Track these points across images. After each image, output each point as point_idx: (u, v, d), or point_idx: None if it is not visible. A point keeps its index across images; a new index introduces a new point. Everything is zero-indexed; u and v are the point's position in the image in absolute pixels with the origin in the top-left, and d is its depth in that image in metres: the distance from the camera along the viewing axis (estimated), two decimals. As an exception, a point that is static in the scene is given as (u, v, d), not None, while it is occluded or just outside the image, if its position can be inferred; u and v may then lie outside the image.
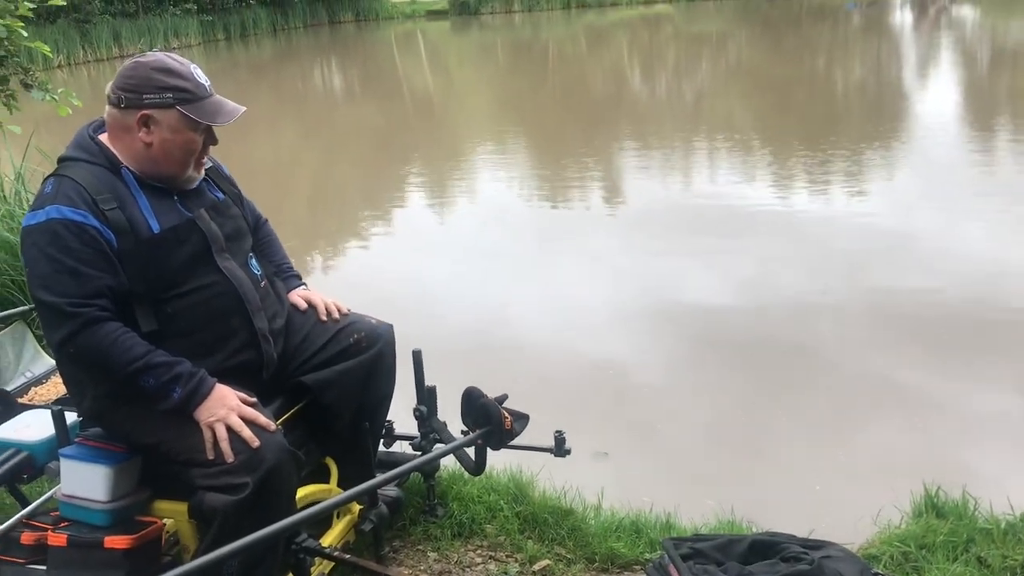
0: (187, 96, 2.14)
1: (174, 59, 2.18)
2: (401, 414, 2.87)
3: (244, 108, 2.24)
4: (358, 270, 7.01)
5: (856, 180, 8.52)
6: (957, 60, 18.10)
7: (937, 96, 13.89)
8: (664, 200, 8.45)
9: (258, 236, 2.59)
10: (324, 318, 2.48)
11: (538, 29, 32.63)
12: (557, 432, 2.75)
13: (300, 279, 2.64)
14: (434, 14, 40.42)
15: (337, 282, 6.65)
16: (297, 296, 2.53)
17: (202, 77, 2.19)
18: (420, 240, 7.80)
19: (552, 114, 14.47)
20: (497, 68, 23.17)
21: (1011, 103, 12.90)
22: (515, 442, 2.44)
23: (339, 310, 2.52)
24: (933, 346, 4.87)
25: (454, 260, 7.00)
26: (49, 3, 5.29)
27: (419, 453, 2.81)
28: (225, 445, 2.01)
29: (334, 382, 2.38)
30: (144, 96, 2.12)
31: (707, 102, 15.21)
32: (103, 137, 2.22)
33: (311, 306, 2.51)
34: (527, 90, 17.81)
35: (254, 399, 2.14)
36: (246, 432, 2.03)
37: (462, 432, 2.58)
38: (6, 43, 5.23)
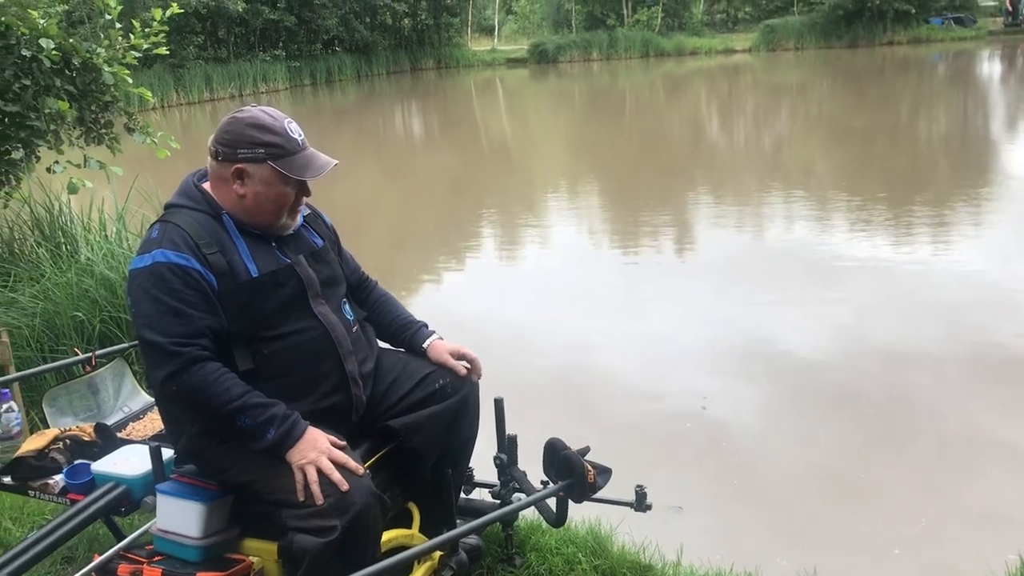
0: (279, 152, 2.21)
1: (269, 114, 2.25)
2: (481, 461, 2.89)
3: (336, 161, 2.30)
4: (438, 312, 7.07)
5: (947, 231, 8.35)
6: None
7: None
8: (747, 249, 8.37)
9: (372, 296, 2.67)
10: (477, 377, 2.60)
11: (616, 77, 32.83)
12: (638, 486, 2.73)
13: (427, 327, 2.67)
14: (513, 62, 41.00)
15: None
16: (447, 354, 2.56)
17: (295, 132, 2.26)
18: (499, 283, 7.87)
19: (629, 161, 14.50)
20: (574, 115, 23.36)
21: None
22: (596, 495, 2.44)
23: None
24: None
25: (534, 304, 7.03)
26: (154, 52, 5.56)
27: (498, 501, 2.82)
28: (315, 487, 2.05)
29: (420, 426, 2.41)
30: (238, 151, 2.21)
31: (788, 152, 15.08)
32: (206, 185, 2.32)
33: (468, 360, 2.58)
34: (604, 137, 17.89)
35: (344, 443, 2.19)
36: (335, 475, 2.07)
37: (542, 482, 2.59)
38: (112, 89, 5.51)
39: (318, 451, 2.10)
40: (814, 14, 38.76)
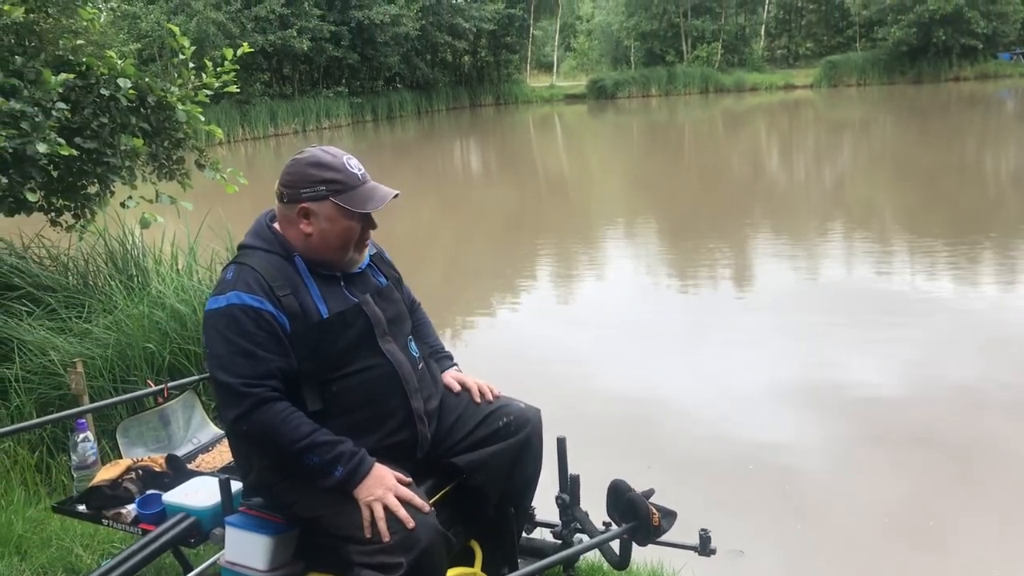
0: (339, 187, 2.26)
1: (328, 152, 2.32)
2: (543, 501, 2.87)
3: (396, 192, 2.34)
4: (496, 347, 7.11)
5: (1018, 270, 8.14)
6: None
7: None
8: (811, 286, 8.27)
9: (412, 319, 2.69)
10: (478, 400, 2.53)
11: (674, 113, 32.82)
12: (702, 530, 2.69)
13: (452, 359, 2.72)
14: (572, 98, 41.31)
15: (481, 359, 6.73)
16: (450, 377, 2.60)
17: (355, 167, 2.31)
18: (558, 318, 7.85)
19: (689, 197, 14.44)
20: (632, 151, 23.38)
21: None
22: (660, 538, 2.41)
23: (491, 392, 2.58)
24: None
25: (594, 340, 6.99)
26: (225, 91, 5.72)
27: (559, 541, 2.80)
28: (382, 524, 2.07)
29: (484, 464, 2.42)
30: (301, 191, 2.27)
31: (852, 189, 14.85)
32: (277, 225, 2.37)
33: (464, 388, 2.57)
34: (662, 173, 17.86)
35: (409, 479, 2.21)
36: (402, 512, 2.09)
37: (604, 523, 2.57)
38: (184, 127, 5.68)
39: (385, 488, 2.13)
40: (877, 50, 38.46)
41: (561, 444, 2.80)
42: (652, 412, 5.42)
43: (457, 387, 2.57)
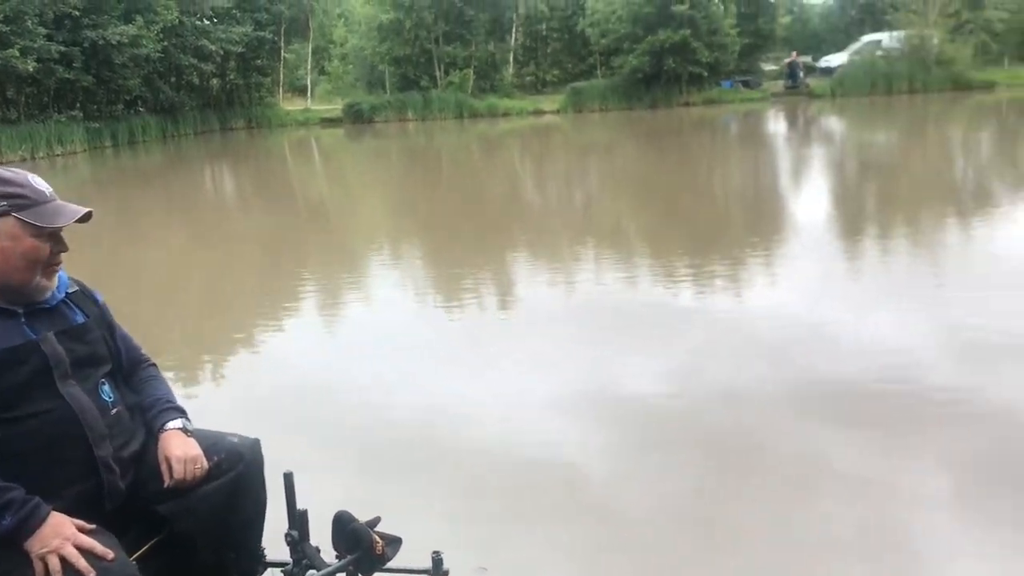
0: (22, 202, 2.12)
1: (10, 170, 2.19)
2: (275, 539, 2.75)
3: (88, 210, 2.21)
4: (240, 383, 6.77)
5: (756, 278, 8.88)
6: (828, 166, 19.33)
7: (813, 199, 14.75)
8: (573, 302, 8.48)
9: (136, 378, 2.48)
10: (165, 481, 2.27)
11: (431, 137, 33.28)
12: (434, 552, 2.67)
13: (178, 413, 2.44)
14: (328, 121, 40.87)
15: (217, 395, 6.41)
16: (165, 439, 2.33)
17: (41, 184, 2.19)
18: (311, 350, 7.59)
19: (448, 220, 14.63)
20: (391, 175, 23.42)
21: (880, 204, 13.76)
22: (389, 565, 2.38)
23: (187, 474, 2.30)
24: (859, 425, 4.99)
25: (360, 368, 6.81)
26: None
27: (291, 581, 2.68)
28: None
29: (191, 509, 2.28)
30: None
31: (601, 208, 15.65)
32: None
33: (167, 459, 2.30)
34: (422, 197, 18.02)
35: (92, 526, 2.03)
36: (81, 563, 1.93)
37: (336, 558, 2.49)
38: None
39: (62, 538, 1.95)
40: (616, 77, 40.98)
41: (288, 479, 2.69)
42: (415, 434, 5.30)
43: (163, 455, 2.30)
